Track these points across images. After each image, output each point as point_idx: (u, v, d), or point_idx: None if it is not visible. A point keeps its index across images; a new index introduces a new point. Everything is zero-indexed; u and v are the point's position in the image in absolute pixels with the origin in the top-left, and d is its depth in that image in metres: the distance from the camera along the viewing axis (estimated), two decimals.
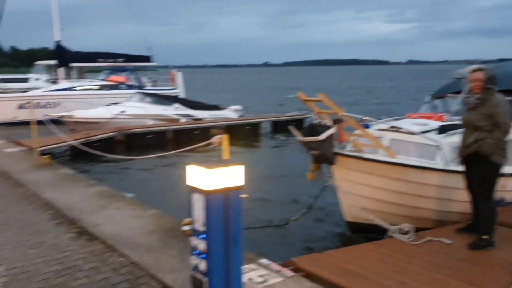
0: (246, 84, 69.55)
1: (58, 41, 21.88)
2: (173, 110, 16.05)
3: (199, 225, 2.96)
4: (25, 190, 7.25)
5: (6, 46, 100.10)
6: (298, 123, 16.30)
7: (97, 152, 9.35)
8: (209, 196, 2.87)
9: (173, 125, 15.08)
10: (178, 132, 14.85)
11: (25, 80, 31.68)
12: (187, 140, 14.68)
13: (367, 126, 6.42)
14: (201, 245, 2.95)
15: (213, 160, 3.08)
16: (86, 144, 11.55)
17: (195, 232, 3.01)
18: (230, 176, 2.92)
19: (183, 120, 15.85)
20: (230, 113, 17.38)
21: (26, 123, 18.62)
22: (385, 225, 5.67)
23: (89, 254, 4.71)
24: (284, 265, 4.37)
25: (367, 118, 6.55)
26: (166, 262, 4.40)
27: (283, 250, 6.07)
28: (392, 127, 6.60)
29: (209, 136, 15.20)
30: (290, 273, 4.10)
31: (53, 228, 5.52)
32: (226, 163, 2.97)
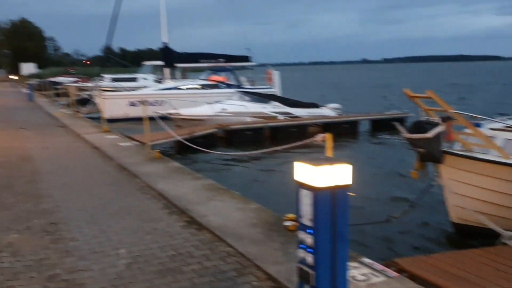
0: (343, 82, 68.44)
1: (165, 43, 23.35)
2: (271, 108, 16.45)
3: (306, 220, 3.07)
4: (140, 181, 7.90)
5: (116, 48, 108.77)
6: (399, 122, 15.77)
7: (202, 149, 9.86)
8: (317, 192, 2.96)
9: (270, 122, 15.49)
10: (275, 129, 15.23)
11: (134, 80, 34.21)
12: (284, 137, 14.92)
13: (478, 125, 6.09)
14: (308, 239, 3.05)
15: (320, 157, 3.17)
16: (190, 139, 12.24)
17: (302, 227, 3.12)
18: (338, 174, 2.99)
19: (281, 117, 16.18)
20: (328, 111, 17.37)
21: (135, 119, 20.23)
22: (498, 229, 5.35)
23: (199, 242, 5.04)
24: (387, 265, 4.33)
25: (478, 116, 6.21)
26: (270, 254, 4.57)
27: (383, 248, 5.99)
28: (508, 126, 6.18)
29: (306, 134, 15.58)
30: (393, 273, 4.05)
31: (166, 217, 5.98)
32: (333, 161, 3.03)
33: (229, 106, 15.97)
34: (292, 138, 12.00)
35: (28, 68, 79.46)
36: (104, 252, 4.82)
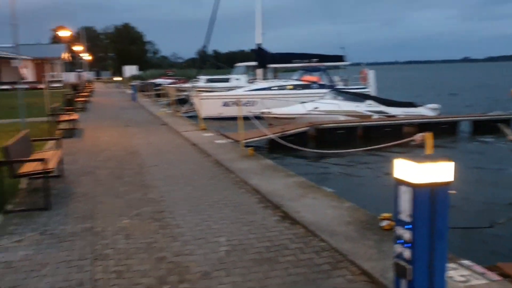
0: (443, 81, 64.97)
1: (259, 44, 23.93)
2: (366, 107, 16.19)
3: (405, 216, 3.11)
4: (235, 176, 8.28)
5: (210, 50, 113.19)
6: (505, 123, 14.77)
7: (295, 146, 10.06)
8: (416, 189, 3.00)
9: (363, 121, 15.28)
10: (368, 128, 14.98)
11: (227, 80, 35.41)
12: (377, 136, 14.65)
13: None
14: (406, 234, 3.09)
15: (421, 155, 3.18)
16: (282, 138, 12.50)
17: (400, 222, 3.16)
18: (438, 171, 2.99)
19: (375, 116, 15.87)
20: (426, 111, 16.71)
21: (228, 119, 21.01)
22: None
23: (293, 236, 5.23)
24: (489, 269, 4.18)
25: None
26: (364, 251, 4.62)
27: (485, 253, 5.73)
28: None
29: (401, 134, 15.10)
30: (496, 276, 3.91)
31: (260, 210, 6.24)
32: (435, 158, 3.04)
33: (321, 105, 15.98)
34: (387, 138, 11.79)
35: (130, 70, 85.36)
36: (206, 239, 5.19)
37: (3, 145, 6.63)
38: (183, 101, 24.24)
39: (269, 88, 22.26)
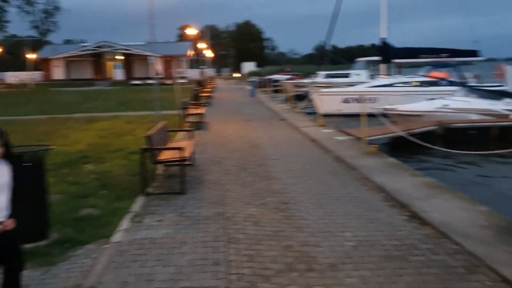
0: None
1: (383, 38, 23.09)
2: (503, 105, 14.76)
3: None
4: (357, 173, 8.21)
5: (329, 45, 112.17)
6: None
7: (425, 144, 9.59)
8: None
9: (500, 121, 13.95)
10: (505, 129, 13.68)
11: (347, 76, 34.85)
12: None
13: None
14: None
15: None
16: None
17: None
18: None
19: None
20: None
21: (347, 116, 20.70)
22: None
23: (423, 236, 5.07)
24: None
25: None
26: (503, 257, 4.34)
27: None
28: None
29: None
30: None
31: (386, 208, 6.13)
32: None
33: (451, 102, 14.86)
34: None
35: (248, 67, 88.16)
36: (331, 233, 5.25)
37: (147, 134, 7.35)
38: (301, 97, 24.45)
39: (392, 85, 21.41)
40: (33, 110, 22.82)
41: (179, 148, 7.33)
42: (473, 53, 22.97)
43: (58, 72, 59.97)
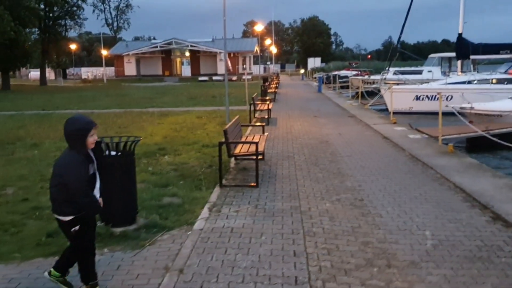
0: None
1: (460, 34, 22.08)
2: None
3: None
4: (434, 172, 8.01)
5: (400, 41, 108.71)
6: None
7: (506, 143, 9.13)
8: None
9: None
10: None
11: (419, 72, 33.71)
12: None
13: None
14: None
15: None
16: (485, 137, 11.47)
17: None
18: None
19: None
20: None
21: (419, 113, 20.05)
22: None
23: (509, 238, 4.89)
24: None
25: None
26: None
27: None
28: None
29: None
30: None
31: (467, 209, 5.96)
32: None
33: None
34: None
35: (313, 62, 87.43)
36: (410, 231, 5.20)
37: (224, 128, 7.61)
38: (369, 94, 24.00)
39: (468, 82, 20.47)
40: (110, 103, 24.16)
41: (254, 143, 7.53)
42: None
43: (129, 68, 62.80)
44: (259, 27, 44.14)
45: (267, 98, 19.29)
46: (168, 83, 51.57)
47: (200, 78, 56.12)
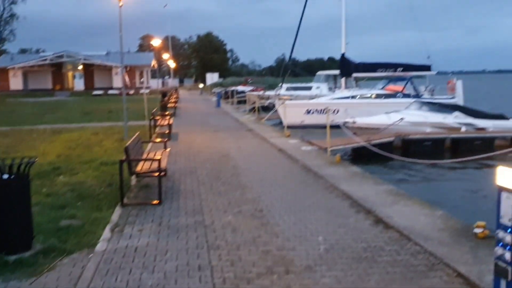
0: None
1: (343, 54, 24.05)
2: (453, 119, 15.84)
3: (507, 220, 3.37)
4: (324, 181, 8.69)
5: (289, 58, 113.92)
6: None
7: (385, 154, 10.23)
8: None
9: (452, 133, 15.00)
10: (457, 141, 14.73)
11: (309, 89, 35.80)
12: (466, 149, 14.35)
13: None
14: (508, 238, 3.35)
15: None
16: (366, 147, 12.66)
17: (501, 226, 3.43)
18: None
19: (464, 129, 15.46)
20: None
21: (310, 127, 21.36)
22: None
23: (388, 239, 5.55)
24: None
25: None
26: (459, 256, 4.85)
27: None
28: None
29: (493, 147, 14.67)
30: None
31: (353, 214, 6.61)
32: None
33: (407, 116, 15.77)
34: (476, 151, 11.58)
35: (212, 77, 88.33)
36: (305, 237, 5.66)
37: (125, 146, 7.56)
38: (265, 108, 25.00)
39: (352, 97, 22.31)
40: None
41: (156, 160, 7.58)
42: (427, 68, 24.35)
43: (15, 82, 58.16)
44: (153, 41, 43.69)
45: (167, 113, 19.23)
46: (59, 98, 48.69)
47: (95, 92, 53.85)
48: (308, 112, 22.14)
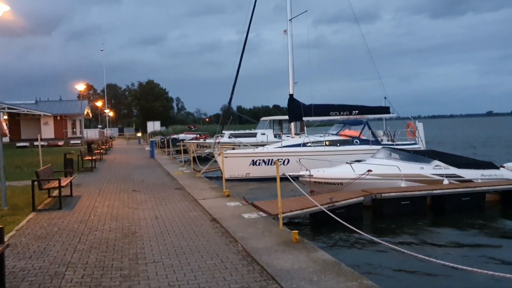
0: (483, 136, 61.24)
1: (291, 95, 21.17)
2: (433, 169, 12.71)
3: None
4: (278, 287, 5.17)
5: (234, 106, 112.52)
6: None
7: (352, 227, 6.81)
8: None
9: (434, 189, 11.70)
10: (440, 198, 11.54)
11: (253, 135, 32.73)
12: (453, 208, 11.37)
13: None
14: None
15: None
16: (330, 211, 9.27)
17: None
18: None
19: (446, 181, 12.35)
20: (509, 173, 13.14)
21: (257, 180, 18.01)
22: None
23: None
24: None
25: None
26: None
27: None
28: None
29: (484, 203, 11.34)
30: None
31: None
32: None
33: (376, 167, 12.55)
34: (465, 209, 8.55)
35: (153, 126, 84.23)
36: None
37: None
38: (204, 159, 21.45)
39: (303, 145, 19.19)
40: None
41: None
42: (386, 110, 21.64)
43: None
44: (81, 87, 39.76)
45: (71, 169, 15.23)
46: None
47: (19, 144, 48.18)
48: (254, 163, 18.83)
